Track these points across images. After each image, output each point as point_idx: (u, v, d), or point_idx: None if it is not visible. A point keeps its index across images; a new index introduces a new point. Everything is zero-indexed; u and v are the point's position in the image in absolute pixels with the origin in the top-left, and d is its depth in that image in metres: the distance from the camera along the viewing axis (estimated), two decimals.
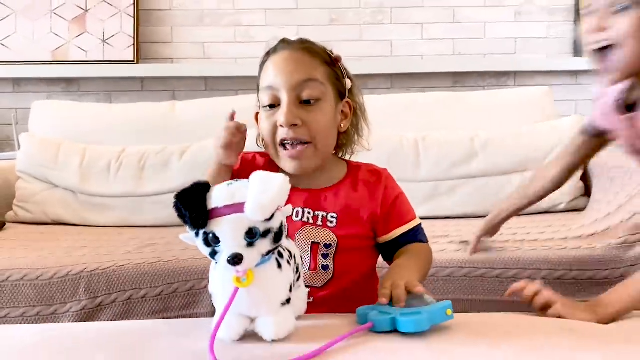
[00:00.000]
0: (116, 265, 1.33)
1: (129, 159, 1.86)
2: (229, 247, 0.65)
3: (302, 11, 2.41)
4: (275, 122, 0.90)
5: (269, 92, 0.91)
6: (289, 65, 0.91)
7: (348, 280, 0.94)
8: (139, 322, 0.85)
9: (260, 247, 0.66)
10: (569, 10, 2.45)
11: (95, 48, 2.29)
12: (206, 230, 0.66)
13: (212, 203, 0.66)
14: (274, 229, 0.67)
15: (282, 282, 0.72)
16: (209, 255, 0.68)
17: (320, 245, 0.93)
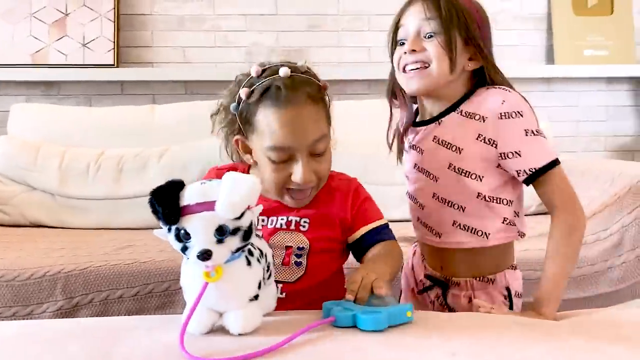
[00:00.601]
0: (93, 266, 1.35)
1: (108, 161, 1.88)
2: (199, 243, 0.69)
3: (281, 17, 2.45)
4: (289, 175, 0.94)
5: (282, 152, 0.92)
6: (302, 125, 0.91)
7: (319, 277, 0.99)
8: (113, 318, 0.88)
9: (230, 244, 0.70)
10: (541, 19, 2.52)
11: (75, 52, 2.30)
12: (178, 226, 0.70)
13: (184, 200, 0.70)
14: (243, 227, 0.71)
15: (251, 279, 0.75)
16: (180, 251, 0.72)
17: (293, 247, 0.98)
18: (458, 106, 1.03)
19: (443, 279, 1.08)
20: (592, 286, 1.40)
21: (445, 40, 0.99)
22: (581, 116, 2.56)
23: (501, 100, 0.98)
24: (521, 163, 0.98)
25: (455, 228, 1.04)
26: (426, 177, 1.06)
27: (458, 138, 1.02)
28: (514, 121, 0.97)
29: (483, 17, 1.04)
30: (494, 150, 0.99)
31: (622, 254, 1.40)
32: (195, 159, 1.87)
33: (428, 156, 1.06)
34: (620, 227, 1.41)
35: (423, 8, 1.01)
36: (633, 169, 1.51)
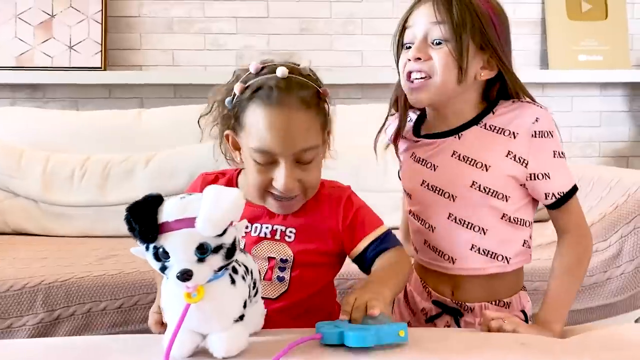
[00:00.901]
0: (75, 277, 1.31)
1: (93, 167, 1.83)
2: (179, 263, 0.65)
3: (273, 20, 2.41)
4: (270, 178, 0.89)
5: (265, 155, 0.88)
6: (289, 131, 0.86)
7: (303, 294, 0.94)
8: (89, 338, 0.84)
9: (212, 263, 0.66)
10: (536, 23, 2.50)
11: (62, 54, 2.25)
12: (156, 244, 0.65)
13: (162, 217, 0.66)
14: (226, 244, 0.66)
15: (235, 298, 0.71)
16: (158, 270, 0.68)
17: (276, 259, 0.93)
18: (480, 119, 0.96)
19: (455, 305, 1.00)
20: (590, 297, 1.36)
21: (456, 48, 0.91)
22: (575, 121, 2.53)
23: (535, 118, 0.92)
24: (550, 186, 0.93)
25: (474, 252, 0.97)
26: (439, 196, 0.97)
27: (484, 154, 0.94)
28: (546, 141, 0.92)
29: (502, 19, 0.95)
30: (524, 169, 0.93)
31: (621, 264, 1.36)
32: (184, 165, 1.82)
33: (444, 173, 0.97)
34: (619, 238, 1.37)
35: (433, 9, 0.92)
36: (630, 177, 1.47)
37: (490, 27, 0.92)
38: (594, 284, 1.36)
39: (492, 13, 0.93)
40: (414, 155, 1.02)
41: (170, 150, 1.83)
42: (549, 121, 0.93)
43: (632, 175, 1.51)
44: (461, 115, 0.97)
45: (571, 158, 2.52)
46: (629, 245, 1.36)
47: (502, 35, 0.94)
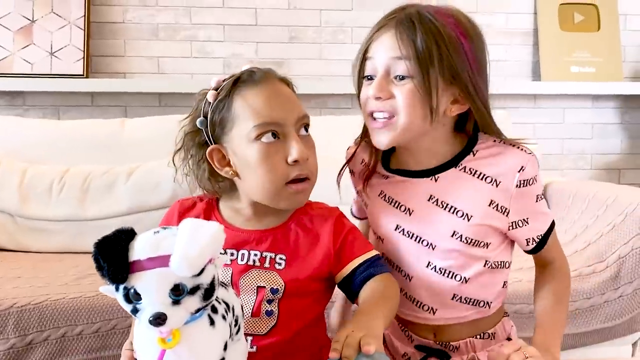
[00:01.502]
0: (50, 300, 1.24)
1: (73, 179, 1.76)
2: (152, 305, 0.59)
3: (262, 28, 2.36)
4: (283, 159, 0.84)
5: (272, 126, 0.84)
6: (285, 98, 0.87)
7: (293, 327, 0.87)
8: None
9: (188, 305, 0.60)
10: (528, 34, 2.47)
11: (42, 60, 2.18)
12: (126, 285, 0.59)
13: (134, 254, 0.60)
14: (203, 285, 0.60)
15: (215, 341, 0.65)
16: (130, 312, 0.61)
17: (266, 289, 0.86)
18: (459, 161, 0.88)
19: (439, 346, 0.93)
20: (587, 321, 1.32)
21: (423, 85, 0.81)
22: (567, 134, 2.50)
23: (520, 166, 0.86)
24: (529, 232, 0.89)
25: (455, 302, 0.91)
26: (417, 243, 0.90)
27: (465, 202, 0.87)
28: (529, 189, 0.87)
29: (476, 42, 0.85)
30: (505, 218, 0.87)
31: (619, 287, 1.32)
32: (168, 177, 1.74)
33: (421, 219, 0.89)
34: (617, 259, 1.33)
35: (395, 40, 0.82)
36: (627, 195, 1.43)
37: (460, 55, 0.82)
38: (591, 307, 1.32)
39: (463, 38, 0.83)
40: (383, 195, 0.93)
41: (154, 163, 1.76)
42: (534, 167, 0.87)
43: (628, 193, 1.47)
44: (434, 154, 0.89)
45: (563, 170, 2.50)
46: (627, 266, 1.32)
47: (474, 62, 0.83)
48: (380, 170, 0.94)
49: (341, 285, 0.90)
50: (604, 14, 2.44)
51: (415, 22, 0.82)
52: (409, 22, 0.82)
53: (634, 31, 2.50)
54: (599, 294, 1.32)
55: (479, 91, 0.84)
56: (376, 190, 0.94)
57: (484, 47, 0.87)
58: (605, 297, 1.32)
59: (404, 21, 0.82)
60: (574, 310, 1.32)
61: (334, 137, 1.84)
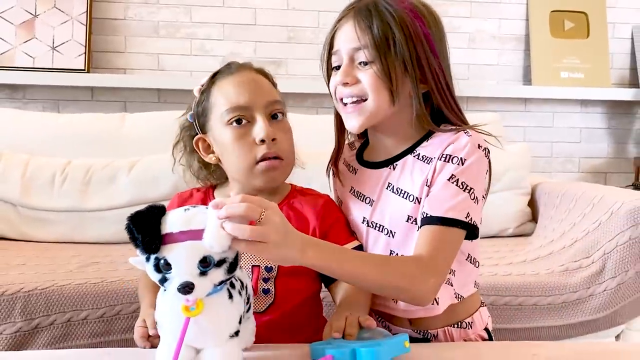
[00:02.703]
0: (56, 285, 1.27)
1: (75, 172, 1.79)
2: (181, 275, 0.63)
3: (260, 27, 2.40)
4: (252, 140, 0.91)
5: (239, 110, 0.92)
6: (254, 84, 0.94)
7: (290, 305, 0.93)
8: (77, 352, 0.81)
9: (213, 277, 0.65)
10: (519, 39, 2.53)
11: (44, 55, 2.21)
12: (158, 255, 0.64)
13: (166, 228, 0.65)
14: (229, 258, 0.65)
15: (232, 314, 0.70)
16: (158, 282, 0.66)
17: (261, 268, 0.92)
18: (415, 148, 0.91)
19: (417, 335, 0.95)
20: (573, 314, 1.38)
21: (382, 69, 0.86)
22: (556, 137, 2.57)
23: (448, 142, 0.87)
24: (425, 205, 0.87)
25: None
26: (379, 232, 0.93)
27: (415, 187, 0.89)
28: (448, 165, 0.86)
29: (431, 25, 0.89)
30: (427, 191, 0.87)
31: (604, 281, 1.38)
32: (168, 171, 1.78)
33: (382, 208, 0.92)
34: (602, 254, 1.39)
35: (354, 29, 0.87)
36: (612, 195, 1.50)
37: (416, 39, 0.86)
38: (577, 300, 1.38)
39: (419, 22, 0.87)
40: (353, 190, 0.97)
41: (154, 157, 1.79)
42: (463, 147, 0.86)
43: (614, 193, 1.53)
44: (400, 139, 0.93)
45: (551, 173, 2.57)
46: (611, 262, 1.38)
47: (431, 46, 0.88)
48: (352, 164, 0.99)
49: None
50: (593, 22, 2.52)
51: (372, 11, 0.87)
52: (366, 11, 0.88)
53: (621, 39, 2.58)
54: (585, 288, 1.38)
55: (436, 73, 0.88)
56: (347, 187, 0.99)
57: (442, 31, 0.91)
58: (591, 290, 1.38)
59: (362, 11, 0.88)
60: (560, 303, 1.38)
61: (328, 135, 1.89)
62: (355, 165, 0.99)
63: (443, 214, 0.84)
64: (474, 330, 0.97)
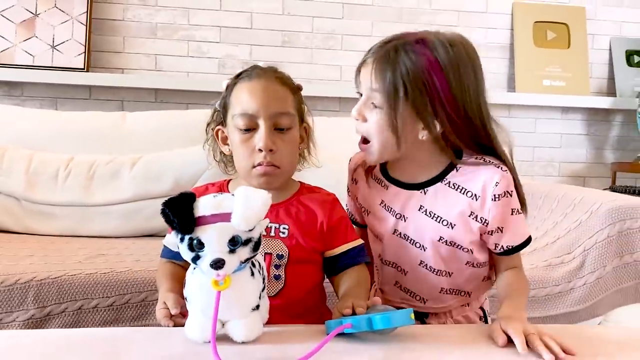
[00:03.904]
0: (67, 275, 1.32)
1: (78, 167, 1.84)
2: (213, 252, 0.71)
3: (256, 31, 2.48)
4: (253, 146, 0.98)
5: (246, 118, 0.98)
6: (266, 94, 0.98)
7: (298, 291, 1.00)
8: (110, 330, 0.87)
9: (240, 254, 0.72)
10: (505, 48, 2.64)
11: (44, 53, 2.25)
12: (192, 236, 0.71)
13: (199, 211, 0.72)
14: (254, 238, 0.73)
15: (254, 289, 0.78)
16: (190, 260, 0.73)
17: (273, 255, 0.99)
18: (444, 176, 1.00)
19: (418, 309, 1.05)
20: (555, 305, 1.47)
21: (387, 118, 0.94)
22: (538, 142, 2.69)
23: (495, 182, 0.95)
24: (499, 239, 0.99)
25: (442, 294, 1.05)
26: (411, 245, 1.03)
27: (450, 213, 0.99)
28: (503, 202, 0.96)
29: (451, 73, 0.92)
30: (484, 227, 0.99)
31: (584, 275, 1.48)
32: (170, 169, 1.85)
33: (414, 226, 1.02)
34: (583, 251, 1.49)
35: (370, 72, 0.94)
36: (592, 196, 1.60)
37: (428, 91, 0.91)
38: (559, 293, 1.47)
39: (435, 73, 0.92)
40: (383, 204, 1.05)
41: (157, 154, 1.85)
42: (508, 182, 0.96)
43: (594, 194, 1.63)
44: (422, 170, 1.00)
45: (533, 176, 2.68)
46: (591, 257, 1.48)
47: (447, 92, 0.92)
48: (379, 177, 1.07)
49: (325, 260, 1.04)
50: (574, 32, 2.64)
51: (389, 60, 0.94)
52: (385, 58, 0.94)
53: (600, 50, 2.71)
54: (566, 282, 1.47)
55: (450, 117, 0.93)
56: (377, 199, 1.07)
57: (466, 72, 0.94)
58: (572, 284, 1.48)
59: (382, 57, 0.95)
60: (544, 296, 1.47)
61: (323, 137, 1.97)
62: (383, 180, 1.06)
63: (521, 241, 1.00)
64: (471, 308, 1.09)
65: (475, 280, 1.06)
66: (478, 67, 0.98)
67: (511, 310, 0.89)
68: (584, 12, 2.66)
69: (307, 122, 1.08)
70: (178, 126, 2.03)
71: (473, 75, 0.96)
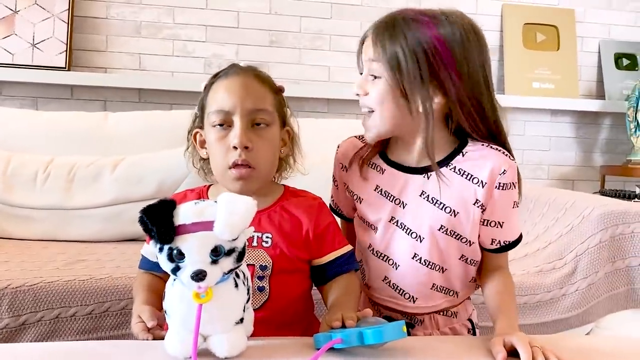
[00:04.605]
0: (44, 282, 1.27)
1: (58, 169, 1.78)
2: (194, 263, 0.66)
3: (243, 30, 2.43)
4: (228, 144, 0.93)
5: (221, 114, 0.94)
6: (242, 91, 0.94)
7: (284, 303, 0.96)
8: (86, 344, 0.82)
9: (224, 265, 0.68)
10: (494, 50, 2.62)
11: (24, 52, 2.19)
12: (172, 245, 0.67)
13: (179, 219, 0.67)
14: (238, 248, 0.69)
15: (238, 301, 0.73)
16: (170, 271, 0.69)
17: (255, 267, 0.94)
18: (450, 161, 0.95)
19: (405, 319, 1.01)
20: (547, 312, 1.45)
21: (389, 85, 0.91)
22: (527, 145, 2.67)
23: (503, 169, 0.92)
24: (499, 234, 0.97)
25: (433, 291, 1.00)
26: (407, 235, 0.98)
27: (454, 200, 0.95)
28: (507, 192, 0.94)
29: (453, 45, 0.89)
30: (481, 214, 0.95)
31: (576, 282, 1.46)
32: (153, 171, 1.80)
33: (413, 212, 0.97)
34: (575, 256, 1.47)
35: (370, 44, 0.93)
36: (584, 200, 1.58)
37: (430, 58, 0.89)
38: (551, 300, 1.45)
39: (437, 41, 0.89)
40: (379, 189, 1.00)
41: (139, 156, 1.80)
42: (514, 172, 0.94)
43: (585, 198, 1.61)
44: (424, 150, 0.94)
45: (522, 179, 2.66)
46: (583, 263, 1.46)
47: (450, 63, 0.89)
48: (377, 163, 1.02)
49: (313, 269, 1.00)
50: (564, 35, 2.63)
51: (388, 30, 0.92)
52: (383, 29, 0.93)
53: (589, 52, 2.70)
54: (558, 288, 1.45)
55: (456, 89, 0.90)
56: (371, 184, 1.02)
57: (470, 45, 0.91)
58: (564, 290, 1.45)
59: (380, 27, 0.94)
60: (535, 303, 1.44)
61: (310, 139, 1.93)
62: (381, 165, 1.01)
63: (514, 238, 0.99)
64: (459, 319, 1.04)
65: (465, 279, 1.02)
66: (482, 39, 0.95)
67: (507, 327, 0.86)
68: (573, 14, 2.65)
69: (290, 126, 1.03)
70: (162, 127, 1.98)
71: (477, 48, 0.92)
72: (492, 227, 0.96)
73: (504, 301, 0.94)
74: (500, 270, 1.00)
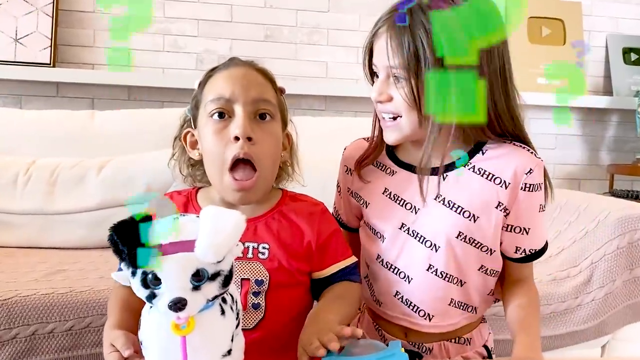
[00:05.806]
0: (19, 296, 1.17)
1: (40, 172, 1.67)
2: (172, 290, 0.57)
3: (237, 24, 2.33)
4: (228, 137, 0.83)
5: (221, 101, 0.84)
6: (245, 80, 0.86)
7: (281, 321, 0.86)
8: None
9: (207, 292, 0.58)
10: None
11: (6, 47, 2.08)
12: (146, 269, 0.57)
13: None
14: (223, 271, 0.59)
15: (225, 331, 0.64)
16: (145, 299, 0.59)
17: (250, 281, 0.84)
18: (469, 160, 0.87)
19: (412, 347, 0.91)
20: (561, 324, 1.35)
21: (411, 91, 0.82)
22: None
23: (529, 169, 0.84)
24: (525, 241, 0.88)
25: (451, 307, 0.89)
26: (420, 244, 0.88)
27: (474, 203, 0.85)
28: (534, 195, 0.85)
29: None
30: (504, 219, 0.86)
31: (592, 291, 1.36)
32: (141, 173, 1.69)
33: (426, 218, 0.87)
34: (590, 264, 1.37)
35: (386, 45, 0.83)
36: (598, 203, 1.49)
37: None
38: (565, 310, 1.36)
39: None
40: (388, 192, 0.91)
41: (127, 157, 1.70)
42: (541, 172, 0.86)
43: (599, 201, 1.52)
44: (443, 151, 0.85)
45: None
46: (599, 271, 1.37)
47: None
48: (386, 163, 0.93)
49: (315, 282, 0.90)
50: (570, 29, 2.54)
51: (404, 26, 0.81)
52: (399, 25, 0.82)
53: (597, 47, 2.61)
54: (573, 298, 1.36)
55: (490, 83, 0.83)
56: (379, 187, 0.92)
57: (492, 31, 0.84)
58: (579, 300, 1.36)
59: (395, 25, 0.83)
60: (549, 313, 1.35)
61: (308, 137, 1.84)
62: (390, 165, 0.93)
63: (541, 246, 0.91)
64: (472, 347, 0.93)
65: (484, 292, 0.92)
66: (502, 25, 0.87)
67: (528, 349, 0.77)
68: (580, 7, 2.55)
69: (289, 131, 0.94)
70: (152, 126, 1.88)
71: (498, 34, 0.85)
72: (517, 233, 0.87)
73: (527, 316, 0.86)
74: (524, 282, 0.92)
